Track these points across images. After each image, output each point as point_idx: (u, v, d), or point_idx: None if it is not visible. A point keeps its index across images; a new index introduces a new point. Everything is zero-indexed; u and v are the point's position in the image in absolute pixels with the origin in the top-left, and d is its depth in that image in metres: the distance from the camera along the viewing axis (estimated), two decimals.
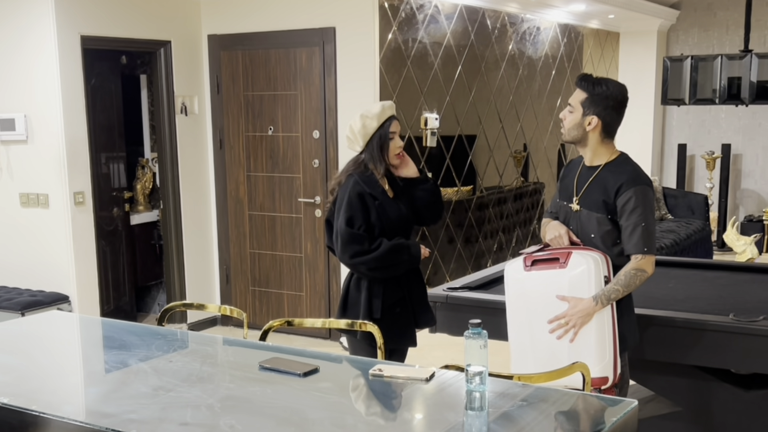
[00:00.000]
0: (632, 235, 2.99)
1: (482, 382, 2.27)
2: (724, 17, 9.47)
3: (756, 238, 8.17)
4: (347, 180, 3.51)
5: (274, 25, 6.04)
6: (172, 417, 2.22)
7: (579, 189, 3.13)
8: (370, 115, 3.49)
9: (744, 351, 3.19)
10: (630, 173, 3.06)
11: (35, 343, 3.10)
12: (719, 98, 6.22)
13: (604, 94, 3.04)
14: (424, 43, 6.31)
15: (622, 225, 3.01)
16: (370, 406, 2.43)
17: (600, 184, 3.07)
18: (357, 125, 3.52)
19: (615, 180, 3.04)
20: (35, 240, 5.56)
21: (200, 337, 3.39)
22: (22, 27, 5.35)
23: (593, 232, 3.06)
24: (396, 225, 3.49)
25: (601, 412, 2.29)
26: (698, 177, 9.94)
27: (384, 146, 3.48)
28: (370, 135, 3.49)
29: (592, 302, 2.97)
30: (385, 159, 3.49)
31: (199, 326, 6.33)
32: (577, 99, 3.08)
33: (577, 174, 3.18)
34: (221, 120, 6.36)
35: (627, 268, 3.00)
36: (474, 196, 7.21)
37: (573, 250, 3.07)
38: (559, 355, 3.02)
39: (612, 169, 3.08)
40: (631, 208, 2.99)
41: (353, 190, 3.45)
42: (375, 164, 3.48)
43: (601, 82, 3.06)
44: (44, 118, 5.39)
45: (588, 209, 3.07)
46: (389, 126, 3.49)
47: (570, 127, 3.11)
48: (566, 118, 3.12)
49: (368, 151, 3.50)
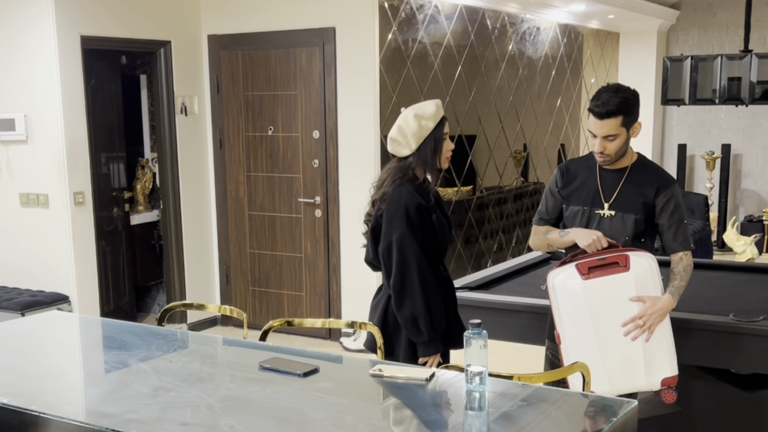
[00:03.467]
0: (678, 234, 3.04)
1: (482, 382, 2.27)
2: (724, 17, 9.47)
3: (756, 238, 8.17)
4: (397, 190, 3.10)
5: (274, 25, 6.04)
6: (172, 417, 2.22)
7: (608, 194, 3.10)
8: (426, 115, 3.11)
9: (744, 351, 3.19)
10: (662, 173, 3.12)
11: (35, 343, 3.10)
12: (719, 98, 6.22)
13: (631, 101, 3.03)
14: (424, 43, 6.31)
15: (663, 224, 3.05)
16: (370, 406, 2.43)
17: (634, 185, 3.08)
18: (412, 126, 3.10)
19: (651, 180, 3.07)
20: (35, 240, 5.56)
21: (200, 337, 3.39)
22: (21, 27, 5.35)
23: (627, 234, 3.06)
24: (446, 238, 3.21)
25: (601, 412, 2.29)
26: (698, 177, 9.95)
27: (438, 149, 3.14)
28: (425, 137, 3.11)
29: (671, 298, 2.98)
30: (437, 164, 3.16)
31: (199, 326, 6.33)
32: (615, 125, 2.99)
33: (598, 178, 3.14)
34: (221, 120, 6.36)
35: (684, 263, 3.05)
36: (474, 196, 7.21)
37: (626, 252, 2.97)
38: (634, 360, 2.95)
39: (641, 170, 3.11)
40: (673, 207, 3.04)
41: (411, 201, 3.06)
42: (427, 169, 3.16)
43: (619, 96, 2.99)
44: (44, 118, 5.39)
45: (624, 212, 3.07)
46: (443, 127, 3.15)
47: (618, 150, 3.04)
48: (608, 148, 3.02)
49: (419, 155, 3.12)
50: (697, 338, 3.25)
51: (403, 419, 2.31)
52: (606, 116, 3.00)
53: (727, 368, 3.49)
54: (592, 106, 3.03)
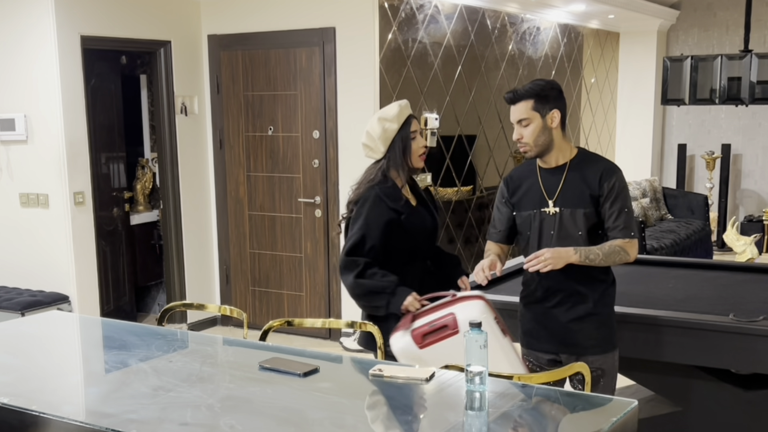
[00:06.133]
0: (618, 221, 3.00)
1: (482, 382, 2.27)
2: (724, 17, 9.47)
3: (756, 238, 8.17)
4: (365, 194, 3.21)
5: (274, 25, 6.04)
6: (172, 417, 2.22)
7: (551, 192, 3.08)
8: (388, 117, 3.22)
9: (744, 351, 3.19)
10: (603, 162, 3.09)
11: (35, 343, 3.10)
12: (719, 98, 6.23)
13: (546, 88, 3.02)
14: (424, 43, 6.31)
15: (605, 211, 3.01)
16: (370, 406, 2.43)
17: (576, 180, 3.04)
18: (376, 130, 3.22)
19: (593, 170, 3.04)
20: (35, 240, 5.56)
21: (200, 337, 3.39)
22: (22, 27, 5.35)
23: (580, 229, 3.02)
24: (422, 237, 3.27)
25: (601, 412, 2.29)
26: (698, 177, 9.94)
27: (407, 149, 3.23)
28: (391, 139, 3.22)
29: (572, 251, 2.94)
30: (408, 163, 3.25)
31: (199, 326, 6.33)
32: (525, 109, 3.01)
33: (539, 179, 3.11)
34: (221, 120, 6.36)
35: (613, 242, 2.99)
36: (474, 196, 7.22)
37: (454, 312, 2.94)
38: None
39: (581, 164, 3.07)
40: (615, 193, 3.00)
41: (374, 208, 3.17)
42: (398, 170, 3.24)
43: (532, 83, 3.04)
44: (44, 118, 5.39)
45: (571, 207, 3.03)
46: (409, 126, 3.25)
47: (536, 137, 3.01)
48: (524, 134, 3.03)
49: (390, 157, 3.23)
50: (697, 338, 3.25)
51: (403, 419, 2.31)
52: (514, 100, 3.04)
53: (727, 368, 3.49)
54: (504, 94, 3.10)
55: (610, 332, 3.11)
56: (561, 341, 3.09)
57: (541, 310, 3.12)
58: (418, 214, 3.29)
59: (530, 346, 3.19)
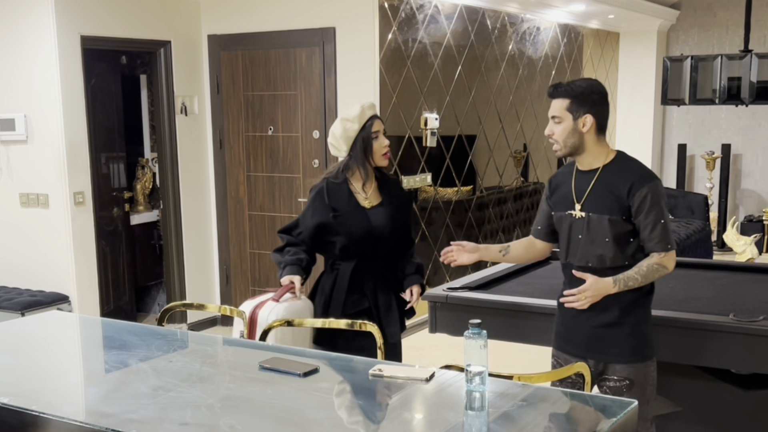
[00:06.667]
0: (653, 233, 2.91)
1: (482, 382, 2.27)
2: (724, 17, 9.47)
3: (756, 238, 8.17)
4: (319, 185, 3.45)
5: (274, 25, 6.04)
6: (172, 417, 2.22)
7: (580, 195, 3.03)
8: (350, 117, 3.38)
9: (744, 351, 3.19)
10: (638, 170, 2.97)
11: (35, 343, 3.10)
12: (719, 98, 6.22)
13: (586, 91, 2.96)
14: (424, 43, 6.31)
15: (640, 223, 2.92)
16: (370, 406, 2.43)
17: (605, 185, 2.97)
18: (338, 130, 3.39)
19: (624, 179, 2.94)
20: (35, 240, 5.56)
21: (200, 337, 3.39)
22: (22, 27, 5.35)
23: (607, 236, 2.95)
24: (360, 238, 3.38)
25: (601, 412, 2.29)
26: (698, 177, 9.95)
27: (368, 148, 3.38)
28: (353, 138, 3.37)
29: (611, 282, 2.91)
30: (370, 162, 3.40)
31: (199, 326, 6.33)
32: (560, 107, 2.98)
33: (572, 181, 3.08)
34: (221, 120, 6.37)
35: (650, 261, 2.93)
36: (474, 196, 7.22)
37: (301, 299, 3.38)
38: None
39: (614, 169, 2.99)
40: (649, 205, 2.90)
41: (314, 200, 3.42)
42: (360, 169, 3.39)
43: (576, 82, 3.00)
44: (44, 118, 5.39)
45: (598, 213, 2.97)
46: (371, 126, 3.39)
47: (565, 137, 2.99)
48: (555, 132, 3.01)
49: (352, 155, 3.39)
50: (697, 338, 3.25)
51: (403, 419, 2.31)
52: (553, 95, 3.02)
53: (727, 368, 3.49)
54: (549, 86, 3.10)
55: (641, 343, 3.01)
56: (588, 347, 3.04)
57: (570, 313, 3.06)
58: (360, 216, 3.39)
59: (560, 348, 3.15)
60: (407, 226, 3.61)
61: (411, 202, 3.61)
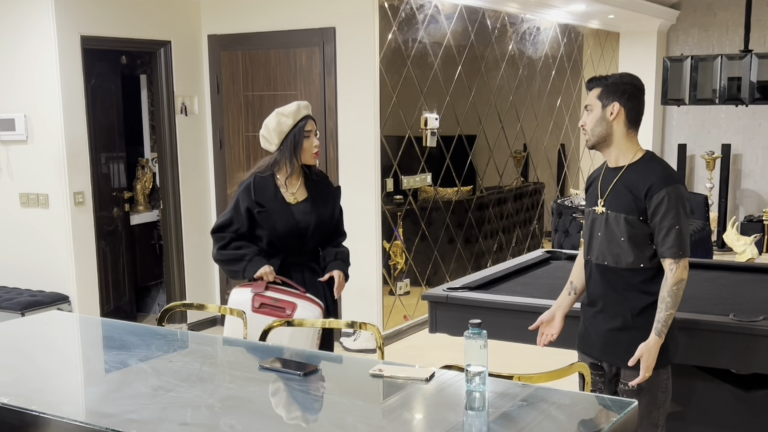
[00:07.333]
0: (666, 238, 2.85)
1: (482, 382, 2.27)
2: (724, 17, 9.47)
3: (756, 238, 8.17)
4: (247, 180, 3.54)
5: (274, 25, 6.04)
6: (172, 417, 2.22)
7: (604, 191, 3.00)
8: (285, 113, 3.47)
9: (744, 351, 3.19)
10: (659, 172, 2.91)
11: (35, 343, 3.10)
12: (719, 98, 6.22)
13: (618, 81, 2.95)
14: (424, 43, 6.31)
15: (655, 226, 2.88)
16: (370, 406, 2.43)
17: (626, 184, 2.93)
18: (272, 123, 3.49)
19: (644, 179, 2.90)
20: (35, 240, 5.56)
21: (200, 337, 3.39)
22: (22, 27, 5.35)
23: (622, 235, 2.93)
24: (286, 234, 3.49)
25: (601, 412, 2.30)
26: (698, 177, 9.95)
27: (298, 145, 3.48)
28: (285, 133, 3.47)
29: (657, 338, 2.86)
30: (298, 158, 3.49)
31: (199, 326, 6.33)
32: (592, 96, 2.97)
33: (600, 177, 3.06)
34: (221, 120, 6.37)
35: (668, 285, 2.86)
36: (474, 196, 7.22)
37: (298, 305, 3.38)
38: None
39: (638, 169, 2.94)
40: (665, 209, 2.85)
41: (242, 195, 3.50)
42: (287, 164, 3.49)
43: (611, 75, 2.99)
44: (44, 118, 5.39)
45: (615, 211, 2.94)
46: (304, 125, 3.48)
47: (593, 126, 2.96)
48: (586, 121, 2.98)
49: (282, 150, 3.49)
50: (697, 338, 3.25)
51: (403, 419, 2.31)
52: (588, 87, 3.02)
53: (727, 368, 3.49)
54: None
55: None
56: (602, 349, 3.05)
57: (589, 314, 3.08)
58: (285, 212, 3.49)
59: (581, 349, 3.16)
60: (336, 220, 3.70)
61: (338, 196, 3.65)
